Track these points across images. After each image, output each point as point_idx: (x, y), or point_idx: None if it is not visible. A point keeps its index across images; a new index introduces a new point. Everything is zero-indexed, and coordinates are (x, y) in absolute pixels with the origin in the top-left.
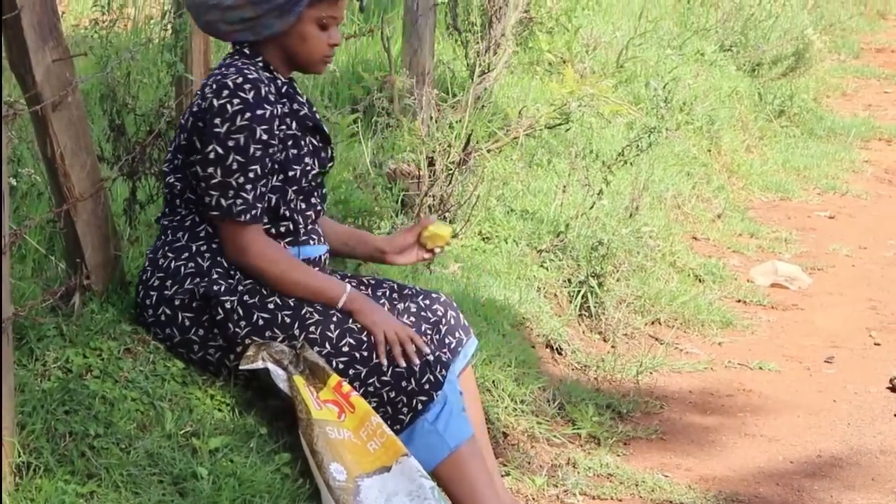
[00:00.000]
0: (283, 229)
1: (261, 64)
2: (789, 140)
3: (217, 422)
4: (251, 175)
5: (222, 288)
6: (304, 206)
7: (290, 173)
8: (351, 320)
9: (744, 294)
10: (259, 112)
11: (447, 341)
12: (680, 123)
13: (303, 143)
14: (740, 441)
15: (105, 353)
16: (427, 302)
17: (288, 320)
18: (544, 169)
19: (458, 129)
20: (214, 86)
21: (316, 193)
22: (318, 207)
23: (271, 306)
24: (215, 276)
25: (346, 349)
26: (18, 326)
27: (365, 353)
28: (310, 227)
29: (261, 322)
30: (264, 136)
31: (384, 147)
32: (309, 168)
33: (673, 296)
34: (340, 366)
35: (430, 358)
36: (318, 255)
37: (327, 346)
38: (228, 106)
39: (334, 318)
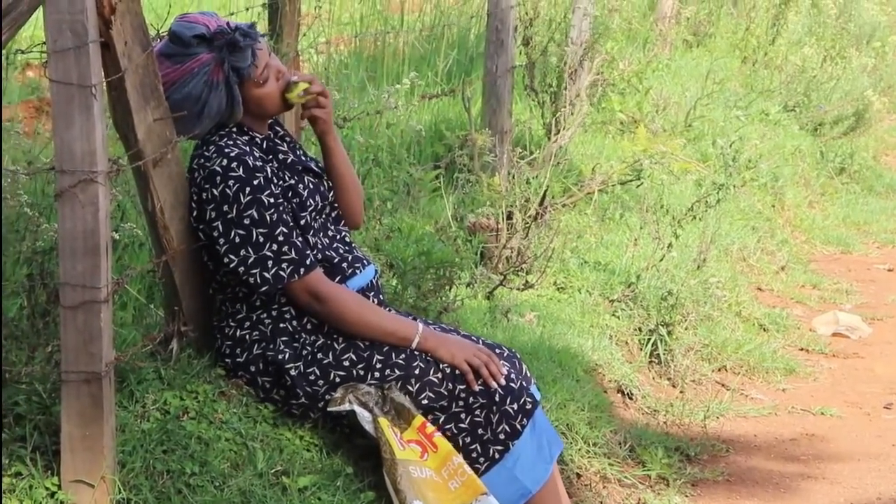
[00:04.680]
0: (325, 271)
1: (235, 129)
2: (850, 196)
3: (306, 461)
4: (280, 238)
5: (287, 356)
6: (327, 241)
7: (302, 221)
8: (431, 372)
9: (806, 343)
10: (256, 182)
11: None
12: (745, 180)
13: (300, 187)
14: (803, 483)
15: (201, 396)
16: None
17: (362, 373)
18: (616, 223)
19: (535, 185)
20: (204, 172)
21: (330, 221)
22: (343, 234)
23: (346, 363)
24: (281, 344)
25: (425, 402)
26: (120, 370)
27: (444, 403)
28: (349, 256)
29: (337, 380)
30: (271, 199)
31: (465, 201)
32: (313, 206)
33: (739, 344)
34: (420, 411)
35: (510, 409)
36: (369, 281)
37: (408, 398)
38: (228, 190)
39: (416, 372)
